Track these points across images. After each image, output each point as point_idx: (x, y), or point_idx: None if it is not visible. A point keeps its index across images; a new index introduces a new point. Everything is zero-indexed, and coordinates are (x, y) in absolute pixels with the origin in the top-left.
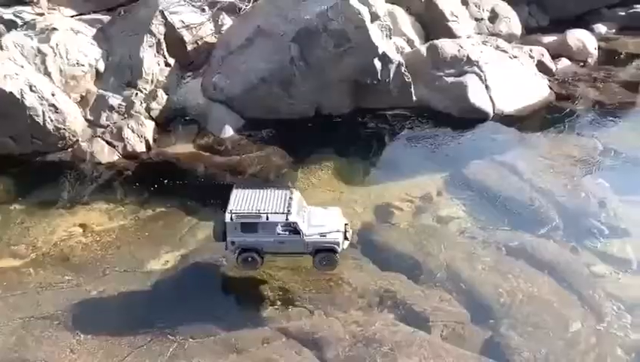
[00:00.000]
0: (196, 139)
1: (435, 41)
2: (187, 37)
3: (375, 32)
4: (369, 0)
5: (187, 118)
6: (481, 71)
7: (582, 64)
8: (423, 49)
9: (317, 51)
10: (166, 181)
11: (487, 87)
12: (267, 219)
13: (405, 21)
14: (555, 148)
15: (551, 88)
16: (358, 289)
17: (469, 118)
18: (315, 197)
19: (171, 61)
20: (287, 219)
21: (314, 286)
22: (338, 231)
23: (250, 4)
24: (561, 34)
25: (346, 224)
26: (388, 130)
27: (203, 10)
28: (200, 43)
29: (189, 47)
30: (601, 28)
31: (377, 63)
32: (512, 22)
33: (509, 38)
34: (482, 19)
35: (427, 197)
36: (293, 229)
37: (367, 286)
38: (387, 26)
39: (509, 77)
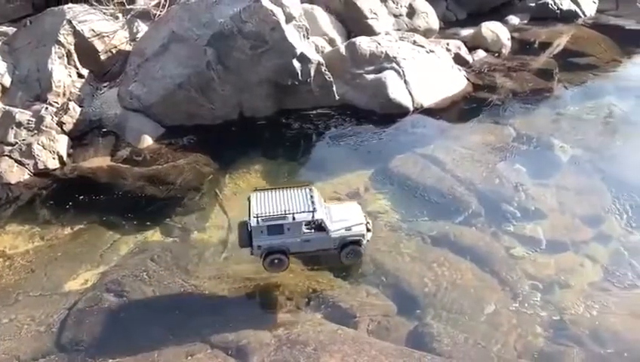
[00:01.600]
0: (113, 152)
1: (354, 40)
2: (100, 46)
3: (292, 33)
4: (283, 1)
5: (104, 130)
6: (400, 67)
7: (497, 55)
8: (342, 48)
9: (234, 54)
10: (82, 197)
11: (406, 82)
12: (294, 219)
13: (325, 20)
14: (473, 138)
15: (468, 79)
16: (285, 292)
17: (391, 113)
18: (244, 201)
19: (84, 72)
20: (313, 217)
21: (240, 293)
22: (361, 224)
23: (165, 10)
24: (477, 27)
25: (365, 216)
26: (312, 130)
27: (116, 17)
28: (114, 52)
29: (103, 57)
30: (514, 19)
31: (296, 64)
32: (429, 17)
33: (428, 32)
34: (401, 15)
35: (355, 194)
36: (319, 227)
37: (294, 288)
38: (304, 26)
39: (427, 71)
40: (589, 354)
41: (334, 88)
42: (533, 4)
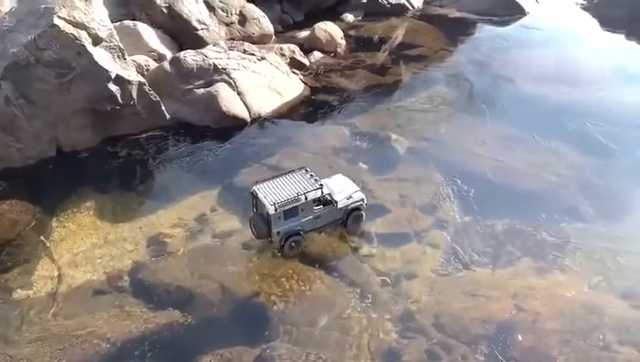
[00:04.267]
0: None
1: (178, 54)
2: None
3: (102, 55)
4: (86, 23)
5: None
6: (231, 78)
7: (333, 54)
8: (166, 64)
9: (36, 85)
10: None
11: (239, 93)
12: (306, 198)
13: (151, 36)
14: (316, 141)
15: (306, 83)
16: (118, 344)
17: (228, 127)
18: (78, 245)
19: None
20: (322, 193)
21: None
22: (358, 190)
23: None
24: (311, 28)
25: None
26: (145, 155)
27: None
28: None
29: None
30: (349, 17)
31: (113, 87)
32: (262, 22)
33: (264, 38)
34: (232, 23)
35: (202, 217)
36: (327, 201)
37: (128, 336)
38: (117, 46)
39: (261, 79)
40: (430, 342)
41: (163, 108)
42: (364, 1)
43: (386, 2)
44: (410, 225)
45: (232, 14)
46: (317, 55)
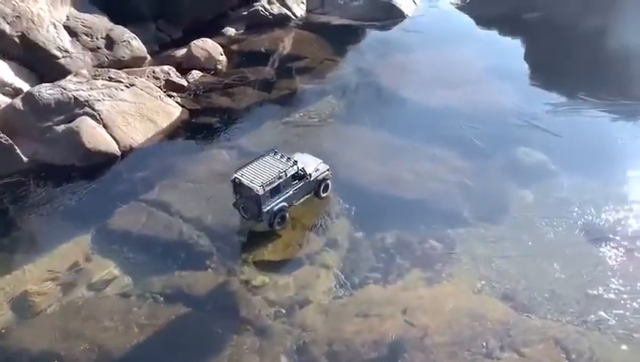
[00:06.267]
0: None
1: (32, 89)
2: None
3: None
4: None
5: None
6: (95, 110)
7: (213, 72)
8: (17, 101)
9: None
10: None
11: (105, 125)
12: (286, 175)
13: (4, 69)
14: (199, 168)
15: (183, 106)
16: None
17: (96, 164)
18: None
19: None
20: (298, 169)
21: None
22: (322, 162)
23: None
24: (187, 47)
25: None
26: (1, 206)
27: None
28: None
29: None
30: (230, 30)
31: None
32: (133, 44)
33: (136, 61)
34: (99, 48)
35: (75, 267)
36: (301, 175)
37: None
38: None
39: (130, 107)
40: None
41: (18, 150)
42: (245, 13)
43: (267, 13)
44: (302, 248)
45: (97, 38)
46: (196, 74)
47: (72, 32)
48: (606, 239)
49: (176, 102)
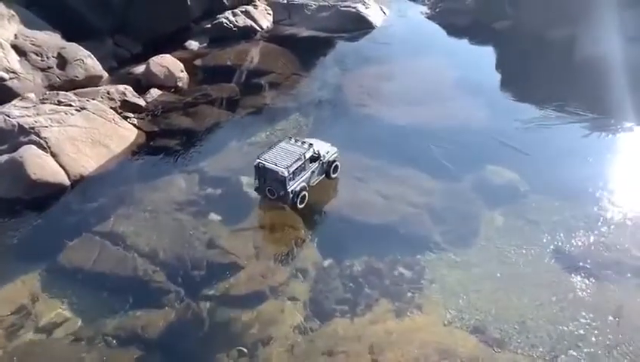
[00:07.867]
0: None
1: None
2: None
3: None
4: None
5: None
6: (41, 137)
7: (173, 90)
8: None
9: None
10: None
11: (53, 154)
12: (305, 157)
13: None
14: (156, 196)
15: (140, 128)
16: None
17: (44, 196)
18: None
19: None
20: (315, 151)
21: None
22: (329, 144)
23: None
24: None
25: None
26: None
27: None
28: None
29: None
30: (193, 44)
31: None
32: (88, 62)
33: (91, 80)
34: (50, 67)
35: (21, 309)
36: (316, 158)
37: None
38: None
39: (81, 133)
40: None
41: None
42: (209, 26)
43: (232, 26)
44: (266, 280)
45: (48, 58)
46: (154, 93)
47: (21, 52)
48: (576, 268)
49: (133, 124)
